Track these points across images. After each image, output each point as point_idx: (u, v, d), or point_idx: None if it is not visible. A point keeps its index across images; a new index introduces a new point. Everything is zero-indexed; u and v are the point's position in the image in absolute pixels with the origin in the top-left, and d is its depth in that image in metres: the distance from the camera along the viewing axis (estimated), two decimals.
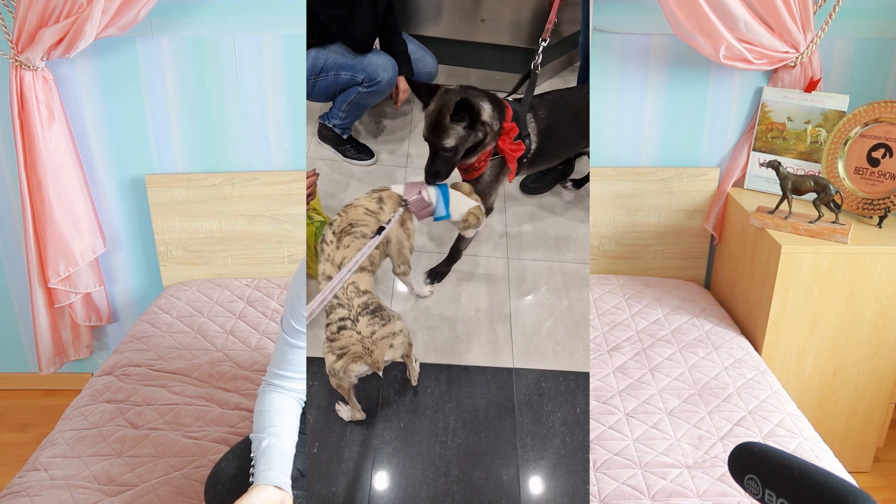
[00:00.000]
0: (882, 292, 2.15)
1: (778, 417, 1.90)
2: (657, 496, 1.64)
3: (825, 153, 2.33)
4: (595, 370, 2.08)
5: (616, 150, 2.53)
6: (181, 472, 1.68)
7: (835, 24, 2.31)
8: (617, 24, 2.37)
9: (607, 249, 2.61)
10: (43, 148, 2.26)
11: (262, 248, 2.55)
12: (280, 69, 2.39)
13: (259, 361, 2.12)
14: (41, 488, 1.62)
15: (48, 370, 2.56)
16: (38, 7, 2.10)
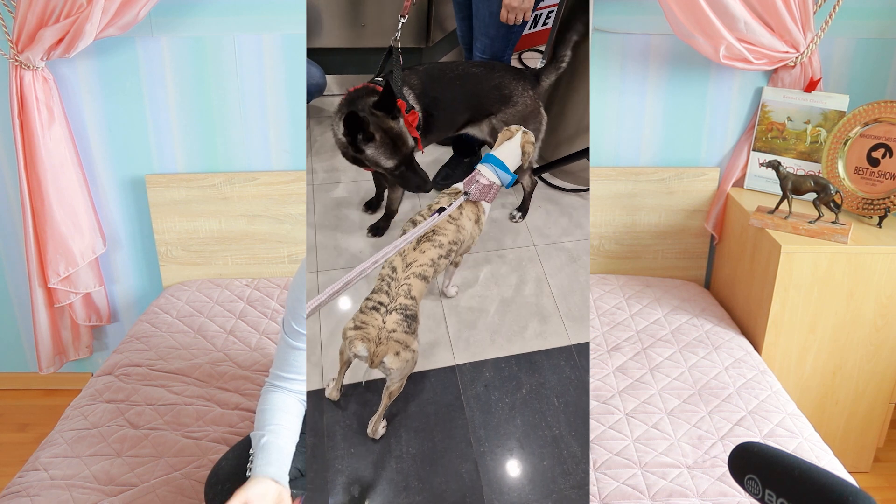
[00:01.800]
0: (882, 292, 2.15)
1: (778, 417, 1.90)
2: (657, 496, 1.64)
3: (825, 153, 2.33)
4: (595, 370, 2.08)
5: (616, 150, 2.53)
6: (181, 472, 1.68)
7: (835, 24, 2.31)
8: (617, 24, 2.37)
9: (607, 249, 2.61)
10: (43, 148, 2.26)
11: (262, 248, 2.55)
12: (280, 69, 2.38)
13: (259, 361, 2.12)
14: (41, 488, 1.62)
15: (48, 370, 2.56)
16: (38, 7, 2.10)
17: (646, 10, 2.34)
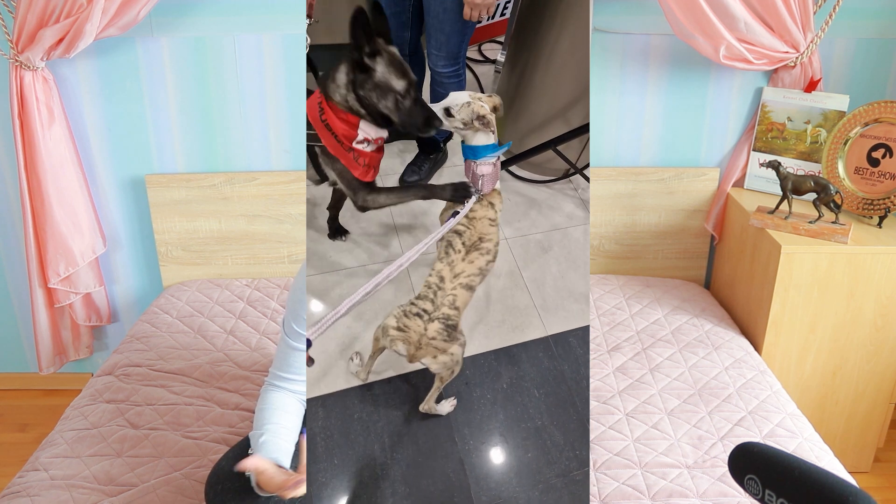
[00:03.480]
0: (882, 292, 2.15)
1: (778, 417, 1.90)
2: (657, 496, 1.64)
3: (825, 153, 2.33)
4: (595, 370, 2.08)
5: (616, 150, 2.53)
6: (181, 472, 1.68)
7: (835, 24, 2.31)
8: (617, 24, 2.37)
9: (607, 249, 2.61)
10: (43, 148, 2.26)
11: (262, 248, 2.55)
12: (280, 69, 2.39)
13: (259, 361, 2.12)
14: (41, 488, 1.62)
15: (48, 370, 2.56)
16: (38, 7, 2.10)
17: (646, 10, 2.34)
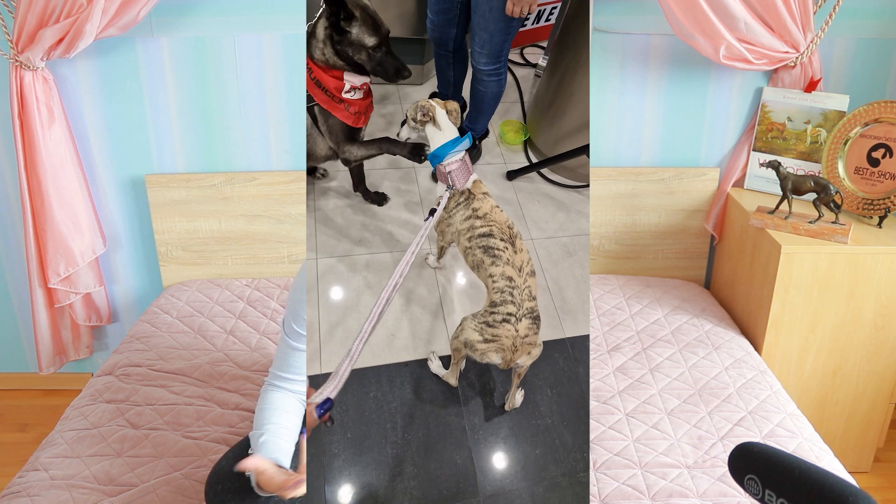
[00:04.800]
0: (882, 292, 2.15)
1: (778, 417, 1.90)
2: (657, 496, 1.64)
3: (825, 153, 2.33)
4: (595, 370, 2.08)
5: (616, 150, 2.53)
6: (181, 472, 1.68)
7: (835, 24, 2.31)
8: (617, 24, 2.37)
9: (607, 249, 2.61)
10: (43, 148, 2.26)
11: (262, 248, 2.55)
12: (280, 69, 2.39)
13: (259, 361, 2.12)
14: (41, 488, 1.62)
15: (48, 370, 2.56)
16: (38, 7, 2.10)
17: (646, 10, 2.34)
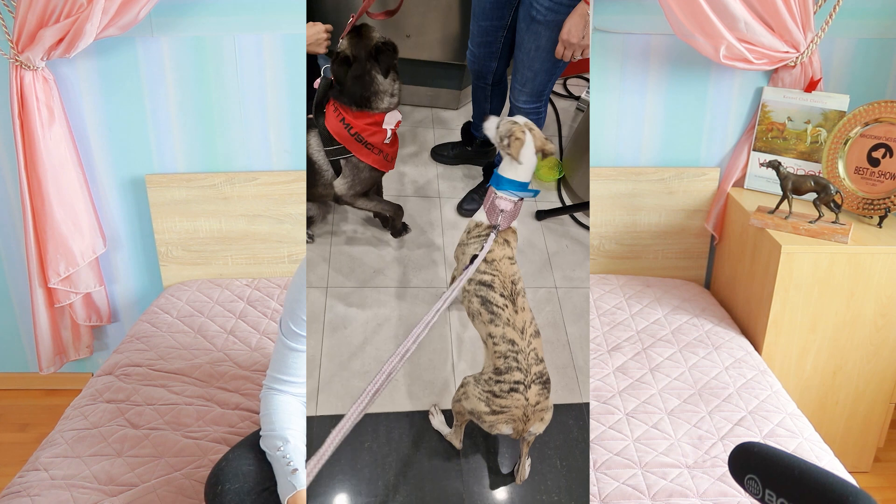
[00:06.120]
0: (882, 292, 2.15)
1: (778, 417, 1.90)
2: (657, 496, 1.64)
3: (825, 153, 2.33)
4: (595, 370, 2.08)
5: (616, 150, 2.53)
6: (181, 472, 1.68)
7: (835, 24, 2.31)
8: (617, 24, 2.37)
9: (607, 249, 2.61)
10: (43, 148, 2.26)
11: (262, 248, 2.55)
12: (280, 69, 2.39)
13: (259, 361, 2.12)
14: (41, 488, 1.62)
15: (48, 370, 2.56)
16: (38, 7, 2.10)
17: (646, 10, 2.34)
